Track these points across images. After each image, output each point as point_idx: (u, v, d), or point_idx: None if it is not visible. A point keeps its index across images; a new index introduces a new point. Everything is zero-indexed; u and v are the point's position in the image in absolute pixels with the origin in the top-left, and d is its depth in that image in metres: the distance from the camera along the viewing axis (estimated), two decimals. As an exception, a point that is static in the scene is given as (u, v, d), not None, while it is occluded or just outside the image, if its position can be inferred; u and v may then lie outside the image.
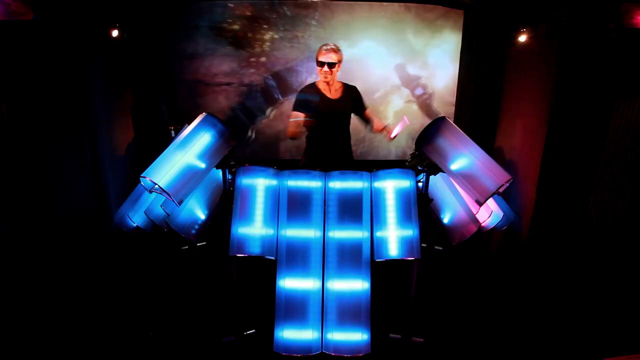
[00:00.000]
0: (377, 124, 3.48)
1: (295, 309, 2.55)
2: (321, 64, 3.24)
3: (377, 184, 2.75)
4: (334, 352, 2.49)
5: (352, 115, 3.56)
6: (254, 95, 4.59)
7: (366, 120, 3.54)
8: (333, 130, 3.42)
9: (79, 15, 3.25)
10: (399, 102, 4.72)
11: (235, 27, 4.37)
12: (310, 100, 3.34)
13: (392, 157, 4.88)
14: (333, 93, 3.38)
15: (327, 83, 3.33)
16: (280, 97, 4.60)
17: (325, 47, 3.27)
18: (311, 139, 3.51)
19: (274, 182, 2.74)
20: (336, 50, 3.26)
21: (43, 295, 2.97)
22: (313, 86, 3.42)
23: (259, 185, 2.73)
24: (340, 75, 3.49)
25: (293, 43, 4.45)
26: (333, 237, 2.64)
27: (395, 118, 4.69)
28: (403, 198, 2.69)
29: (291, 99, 4.18)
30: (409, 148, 4.77)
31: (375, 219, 2.68)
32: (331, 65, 3.23)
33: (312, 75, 4.47)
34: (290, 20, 4.39)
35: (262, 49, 4.46)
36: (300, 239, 2.63)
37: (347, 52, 3.94)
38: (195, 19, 4.34)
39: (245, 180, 2.72)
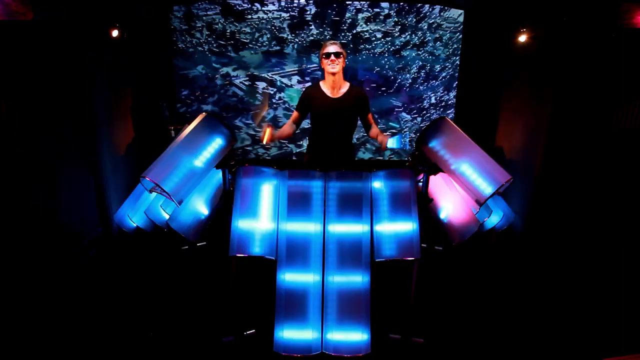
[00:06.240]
0: (374, 130, 3.39)
1: (296, 305, 2.55)
2: (327, 55, 3.19)
3: (377, 184, 2.75)
4: (334, 352, 2.49)
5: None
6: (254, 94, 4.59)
7: (367, 124, 3.50)
8: (334, 129, 3.39)
9: (79, 15, 3.25)
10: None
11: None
12: (311, 99, 3.32)
13: (393, 157, 4.89)
14: (336, 92, 3.31)
15: (333, 80, 3.24)
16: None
17: (329, 41, 3.28)
18: (314, 137, 3.50)
19: (274, 182, 2.74)
20: (340, 45, 3.23)
21: (43, 295, 2.97)
22: (316, 86, 3.37)
23: (259, 185, 2.73)
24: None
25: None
26: (333, 235, 2.64)
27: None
28: (403, 198, 2.69)
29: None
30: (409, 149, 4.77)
31: (375, 219, 2.68)
32: (337, 54, 3.18)
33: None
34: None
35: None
36: (300, 237, 2.64)
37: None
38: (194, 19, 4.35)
39: (245, 181, 2.72)
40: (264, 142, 3.11)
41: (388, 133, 3.05)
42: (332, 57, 3.18)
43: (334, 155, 3.41)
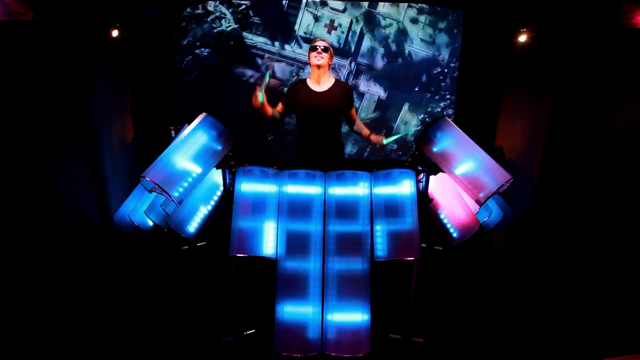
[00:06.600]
0: (359, 125, 3.54)
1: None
2: (313, 48, 3.26)
3: (376, 184, 2.75)
4: (334, 351, 2.49)
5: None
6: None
7: (350, 120, 3.54)
8: (320, 124, 3.39)
9: (79, 15, 3.25)
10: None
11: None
12: (296, 92, 3.35)
13: (392, 157, 4.89)
14: (321, 86, 3.34)
15: (318, 73, 3.29)
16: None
17: (318, 37, 3.44)
18: (301, 136, 3.50)
19: (274, 182, 2.74)
20: (328, 42, 3.33)
21: (43, 295, 2.97)
22: (303, 81, 3.41)
23: (259, 185, 2.73)
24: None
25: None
26: (334, 233, 2.64)
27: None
28: (403, 198, 2.69)
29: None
30: (409, 148, 4.77)
31: (375, 219, 2.68)
32: (324, 49, 3.25)
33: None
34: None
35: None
36: (300, 235, 2.64)
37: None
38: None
39: (245, 180, 2.72)
40: (256, 101, 3.17)
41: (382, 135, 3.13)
42: (319, 49, 3.25)
43: (332, 155, 3.41)
